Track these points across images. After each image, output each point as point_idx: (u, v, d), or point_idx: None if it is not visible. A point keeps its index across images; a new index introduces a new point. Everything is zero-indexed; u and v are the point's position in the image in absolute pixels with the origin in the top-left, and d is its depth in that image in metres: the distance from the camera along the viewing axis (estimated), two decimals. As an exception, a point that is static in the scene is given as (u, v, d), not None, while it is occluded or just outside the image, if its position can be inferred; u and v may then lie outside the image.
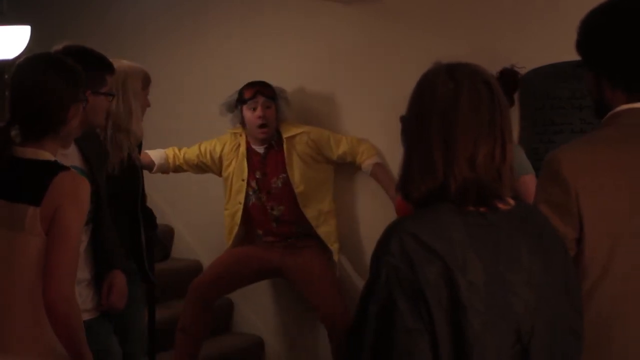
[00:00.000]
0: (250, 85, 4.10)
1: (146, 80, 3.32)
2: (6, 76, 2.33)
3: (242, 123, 4.13)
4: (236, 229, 4.20)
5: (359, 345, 1.48)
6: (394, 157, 3.88)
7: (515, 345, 1.49)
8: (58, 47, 2.77)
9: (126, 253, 3.20)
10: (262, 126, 4.05)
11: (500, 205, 1.56)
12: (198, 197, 4.70)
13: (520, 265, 1.53)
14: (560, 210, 1.88)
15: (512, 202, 1.59)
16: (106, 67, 2.82)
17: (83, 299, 2.69)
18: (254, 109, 4.05)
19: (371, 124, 4.03)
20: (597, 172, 1.91)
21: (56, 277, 2.13)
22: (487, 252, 1.50)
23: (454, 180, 1.51)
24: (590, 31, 2.01)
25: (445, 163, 1.52)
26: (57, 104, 2.23)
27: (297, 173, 4.08)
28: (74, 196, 2.19)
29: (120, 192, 3.15)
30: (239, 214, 4.16)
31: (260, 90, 4.07)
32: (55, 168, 2.21)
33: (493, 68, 1.67)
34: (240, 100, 4.10)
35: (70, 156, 2.69)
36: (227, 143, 4.21)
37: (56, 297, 2.12)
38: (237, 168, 4.17)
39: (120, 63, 3.20)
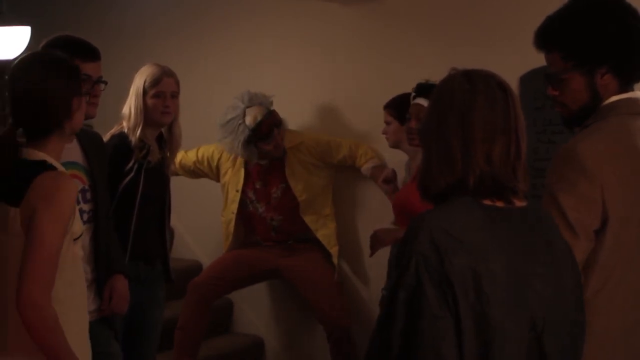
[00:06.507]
0: (264, 119, 3.98)
1: (152, 79, 3.27)
2: (7, 77, 2.32)
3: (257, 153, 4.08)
4: (231, 237, 4.22)
5: (389, 331, 1.55)
6: (393, 160, 3.88)
7: (530, 332, 1.58)
8: (44, 42, 2.78)
9: (155, 255, 3.31)
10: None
11: (516, 201, 1.65)
12: (198, 197, 4.70)
13: (537, 260, 1.63)
14: (586, 200, 1.95)
15: (525, 201, 1.68)
16: (88, 54, 2.78)
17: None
18: (271, 142, 4.02)
19: (371, 127, 4.03)
20: (615, 161, 1.98)
21: (27, 283, 2.05)
22: (507, 244, 1.60)
23: (472, 173, 1.61)
24: (591, 25, 2.04)
25: (464, 159, 1.61)
26: (59, 101, 2.22)
27: (300, 181, 4.09)
28: (51, 199, 2.11)
29: (154, 193, 3.24)
30: (232, 223, 4.19)
31: (274, 124, 4.01)
32: (39, 168, 2.16)
33: (493, 68, 1.72)
34: (257, 137, 3.99)
35: (72, 150, 2.68)
36: (224, 151, 4.19)
37: (27, 303, 2.05)
38: (233, 178, 4.17)
39: (146, 65, 3.31)
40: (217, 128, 4.07)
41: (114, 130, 3.30)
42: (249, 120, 3.98)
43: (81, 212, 2.67)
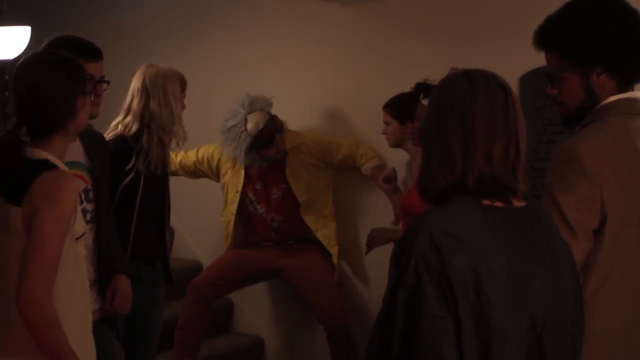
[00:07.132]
0: (266, 125, 3.98)
1: (183, 84, 3.35)
2: (7, 77, 2.32)
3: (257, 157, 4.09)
4: (230, 237, 4.22)
5: (389, 331, 1.55)
6: (393, 160, 3.89)
7: (529, 332, 1.58)
8: (45, 42, 2.78)
9: (155, 255, 3.31)
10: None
11: (515, 201, 1.65)
12: (198, 197, 4.70)
13: (537, 260, 1.63)
14: (586, 200, 1.95)
15: (524, 201, 1.68)
16: (90, 53, 2.78)
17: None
18: (273, 147, 4.03)
19: (371, 127, 4.03)
20: (615, 161, 1.99)
21: (28, 282, 2.04)
22: (507, 245, 1.60)
23: (471, 173, 1.61)
24: (591, 25, 2.05)
25: (464, 159, 1.61)
26: (61, 101, 2.22)
27: (301, 182, 4.09)
28: (52, 198, 2.10)
29: (154, 193, 3.24)
30: (232, 224, 4.19)
31: (275, 130, 4.01)
32: (41, 167, 2.16)
33: (493, 68, 1.72)
34: (259, 144, 4.00)
35: (75, 150, 2.68)
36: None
37: (28, 303, 2.04)
38: (233, 178, 4.17)
39: (159, 67, 3.29)
40: (218, 134, 4.07)
41: (109, 135, 3.25)
42: (250, 127, 3.97)
43: (84, 211, 2.67)
